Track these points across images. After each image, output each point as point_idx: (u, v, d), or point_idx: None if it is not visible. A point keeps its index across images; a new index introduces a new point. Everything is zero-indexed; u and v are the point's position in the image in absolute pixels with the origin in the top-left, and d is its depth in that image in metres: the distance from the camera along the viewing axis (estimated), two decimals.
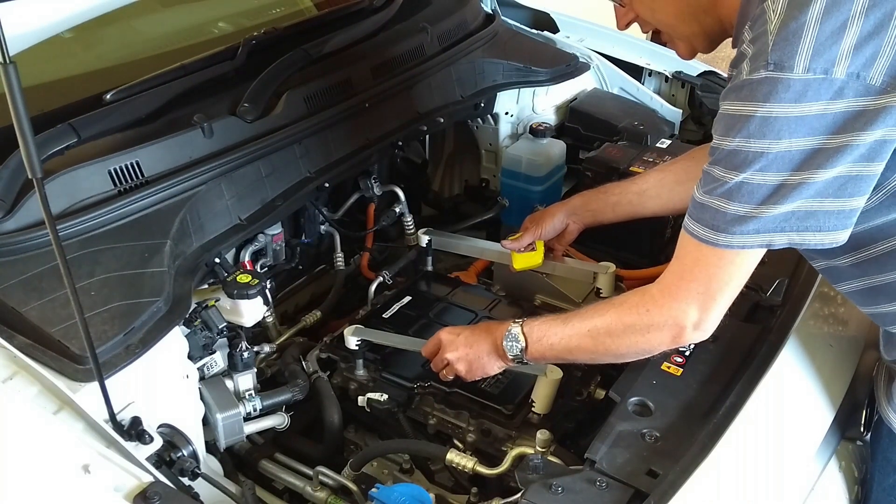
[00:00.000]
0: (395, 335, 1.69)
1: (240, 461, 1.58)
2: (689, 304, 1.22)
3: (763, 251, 1.18)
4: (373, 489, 1.30)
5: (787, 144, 1.09)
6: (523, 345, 1.40)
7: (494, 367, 1.48)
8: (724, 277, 1.20)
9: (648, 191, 1.72)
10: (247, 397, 1.55)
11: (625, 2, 1.40)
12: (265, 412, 1.56)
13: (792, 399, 1.45)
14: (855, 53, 1.05)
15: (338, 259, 2.03)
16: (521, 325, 1.41)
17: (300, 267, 2.00)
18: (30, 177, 1.02)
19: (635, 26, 1.46)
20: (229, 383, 1.55)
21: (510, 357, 1.42)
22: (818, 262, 1.38)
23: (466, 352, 1.48)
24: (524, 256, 1.78)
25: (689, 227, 1.21)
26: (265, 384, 1.65)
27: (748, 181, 1.12)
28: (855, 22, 1.05)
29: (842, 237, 1.14)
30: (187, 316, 1.43)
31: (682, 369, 1.44)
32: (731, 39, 1.35)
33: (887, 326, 1.37)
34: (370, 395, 1.58)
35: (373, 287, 1.93)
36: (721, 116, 1.16)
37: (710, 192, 1.16)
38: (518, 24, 2.62)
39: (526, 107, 2.39)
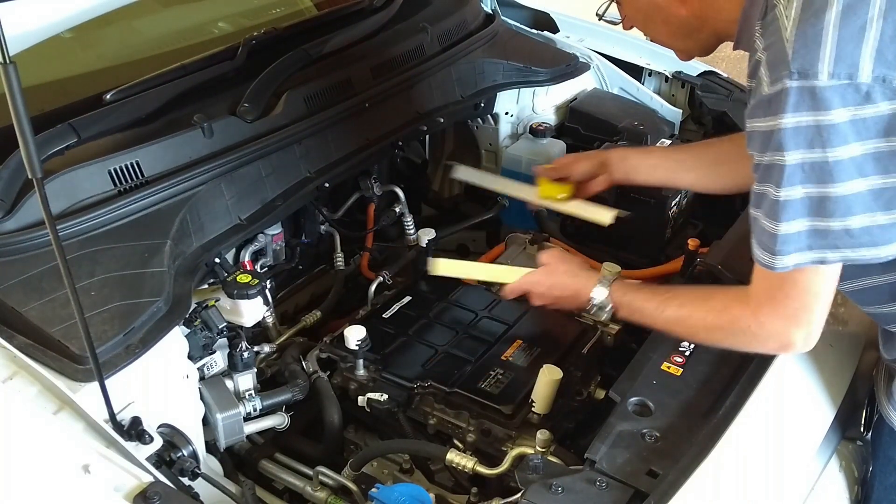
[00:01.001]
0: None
1: (240, 461, 1.58)
2: (789, 322, 1.22)
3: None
4: (373, 489, 1.30)
5: (821, 154, 1.07)
6: (611, 308, 1.49)
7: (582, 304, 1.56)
8: (807, 291, 1.20)
9: (686, 161, 1.71)
10: (247, 397, 1.55)
11: (621, 16, 1.41)
12: (265, 412, 1.56)
13: (792, 399, 1.45)
14: (877, 57, 1.03)
15: (338, 259, 2.03)
16: (610, 294, 1.48)
17: (300, 267, 2.00)
18: (30, 177, 1.02)
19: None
20: (229, 383, 1.55)
21: (594, 314, 1.54)
22: None
23: (552, 293, 1.59)
24: (551, 185, 1.79)
25: (754, 250, 1.20)
26: (265, 384, 1.65)
27: (790, 198, 1.10)
28: (874, 25, 1.04)
29: (893, 249, 1.12)
30: (187, 316, 1.43)
31: (682, 369, 1.44)
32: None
33: (887, 325, 1.37)
34: (370, 395, 1.58)
35: (373, 287, 1.93)
36: (752, 134, 1.15)
37: (758, 208, 1.16)
38: (518, 24, 2.62)
39: (526, 107, 2.39)
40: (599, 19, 1.50)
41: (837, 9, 1.05)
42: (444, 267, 1.75)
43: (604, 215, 1.80)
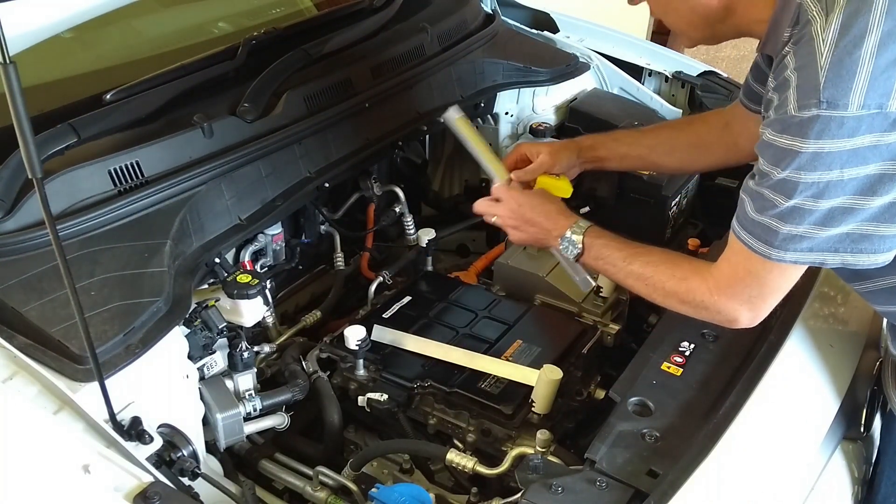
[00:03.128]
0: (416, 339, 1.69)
1: (240, 461, 1.58)
2: (741, 306, 1.28)
3: None
4: (373, 489, 1.30)
5: (838, 174, 1.09)
6: (580, 251, 1.50)
7: (546, 242, 1.58)
8: (774, 286, 1.25)
9: (659, 146, 1.73)
10: (247, 397, 1.55)
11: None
12: (265, 412, 1.56)
13: (792, 399, 1.45)
14: None
15: (338, 259, 2.03)
16: (584, 235, 1.49)
17: (300, 267, 2.00)
18: (30, 177, 1.02)
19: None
20: (229, 383, 1.55)
21: (561, 250, 1.53)
22: None
23: (524, 214, 1.59)
24: (551, 182, 1.71)
25: (741, 236, 1.22)
26: (265, 384, 1.65)
27: (800, 206, 1.12)
28: None
29: (891, 256, 1.16)
30: (187, 316, 1.43)
31: (682, 369, 1.45)
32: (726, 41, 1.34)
33: None
34: (370, 395, 1.58)
35: (373, 287, 1.93)
36: (768, 145, 1.15)
37: (762, 212, 1.17)
38: (518, 24, 2.62)
39: (526, 107, 2.39)
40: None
41: (876, 37, 1.04)
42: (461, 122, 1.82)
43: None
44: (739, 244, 1.22)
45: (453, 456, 1.43)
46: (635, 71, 2.61)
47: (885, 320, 1.41)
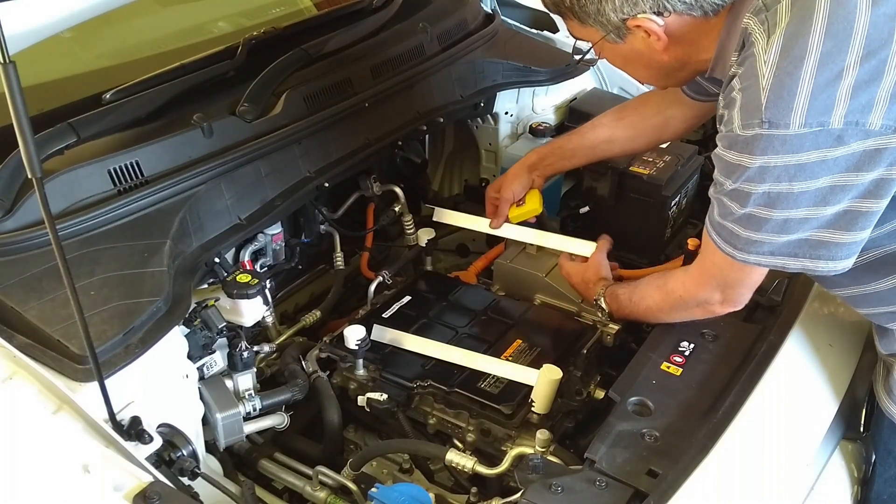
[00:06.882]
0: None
1: (240, 461, 1.58)
2: (713, 293, 1.38)
3: None
4: (373, 489, 1.30)
5: (787, 186, 1.12)
6: (608, 310, 1.64)
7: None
8: (744, 280, 1.34)
9: (600, 145, 1.86)
10: (247, 397, 1.55)
11: (596, 52, 1.43)
12: (265, 412, 1.56)
13: (792, 399, 1.45)
14: (851, 102, 1.06)
15: (337, 259, 2.03)
16: (604, 296, 1.63)
17: (300, 267, 2.00)
18: (30, 176, 1.02)
19: None
20: (229, 383, 1.55)
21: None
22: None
23: (575, 284, 1.77)
24: (520, 210, 1.92)
25: (711, 235, 1.29)
26: (265, 384, 1.65)
27: (755, 214, 1.17)
28: (850, 72, 1.06)
29: (850, 263, 1.19)
30: (187, 316, 1.43)
31: (681, 369, 1.45)
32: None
33: (884, 324, 1.38)
34: (370, 394, 1.58)
35: (372, 287, 1.93)
36: (719, 157, 1.20)
37: (724, 217, 1.23)
38: (518, 24, 2.62)
39: (526, 107, 2.39)
40: (577, 63, 1.58)
41: (815, 57, 1.06)
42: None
43: (585, 249, 1.86)
44: (710, 242, 1.29)
45: (453, 456, 1.42)
46: None
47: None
